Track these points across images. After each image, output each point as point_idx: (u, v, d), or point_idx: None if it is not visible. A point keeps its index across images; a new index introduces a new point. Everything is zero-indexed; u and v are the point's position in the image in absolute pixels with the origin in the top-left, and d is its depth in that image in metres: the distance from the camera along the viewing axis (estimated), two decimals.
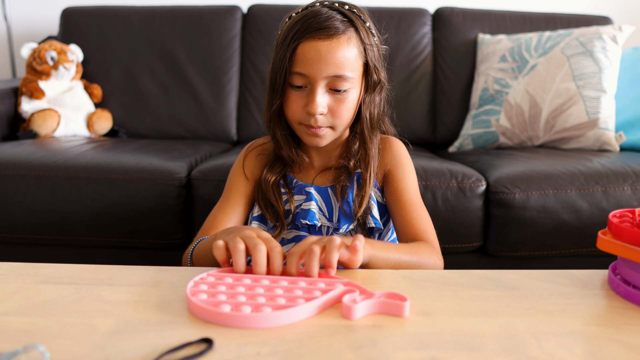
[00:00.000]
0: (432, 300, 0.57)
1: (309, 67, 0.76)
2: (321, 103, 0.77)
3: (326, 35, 0.76)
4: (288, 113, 0.81)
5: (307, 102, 0.78)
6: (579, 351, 0.46)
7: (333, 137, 0.83)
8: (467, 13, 1.84)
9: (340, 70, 0.76)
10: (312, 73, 0.76)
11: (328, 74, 0.76)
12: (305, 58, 0.76)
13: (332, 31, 0.76)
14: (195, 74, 1.78)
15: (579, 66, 1.53)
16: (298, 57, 0.76)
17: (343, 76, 0.77)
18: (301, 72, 0.76)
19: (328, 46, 0.75)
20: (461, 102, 1.78)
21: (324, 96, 0.78)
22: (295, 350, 0.45)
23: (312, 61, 0.75)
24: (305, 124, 0.80)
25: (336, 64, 0.76)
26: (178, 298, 0.56)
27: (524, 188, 1.18)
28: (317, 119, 0.78)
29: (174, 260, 1.26)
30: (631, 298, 0.57)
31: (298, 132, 0.83)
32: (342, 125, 0.82)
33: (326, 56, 0.75)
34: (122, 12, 1.84)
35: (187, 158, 1.34)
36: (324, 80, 0.77)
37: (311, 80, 0.77)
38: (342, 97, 0.79)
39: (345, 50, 0.77)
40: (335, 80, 0.77)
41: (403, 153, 0.90)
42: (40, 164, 1.23)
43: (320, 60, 0.75)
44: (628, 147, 1.52)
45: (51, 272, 0.62)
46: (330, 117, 0.79)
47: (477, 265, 1.26)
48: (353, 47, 0.78)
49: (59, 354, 0.44)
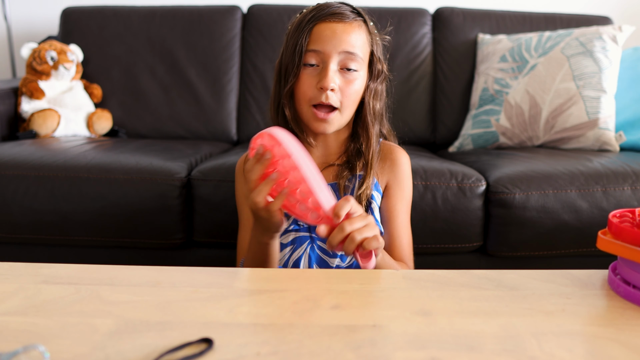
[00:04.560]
0: (432, 300, 0.57)
1: (324, 43, 0.82)
2: (333, 77, 0.82)
3: (340, 18, 0.84)
4: (299, 93, 0.85)
5: (319, 79, 0.82)
6: (579, 351, 0.46)
7: (339, 123, 0.86)
8: (467, 13, 1.84)
9: (353, 48, 0.83)
10: (327, 49, 0.82)
11: (342, 49, 0.82)
12: (321, 36, 0.82)
13: (345, 17, 0.84)
14: (195, 74, 1.78)
15: (579, 66, 1.53)
16: (314, 36, 0.83)
17: (354, 54, 0.83)
18: (316, 49, 0.82)
19: (342, 27, 0.83)
20: (461, 102, 1.78)
21: (336, 73, 0.83)
22: (295, 350, 0.45)
23: (327, 38, 0.82)
24: (316, 102, 0.83)
25: (349, 42, 0.83)
26: (178, 298, 0.56)
27: (524, 188, 1.18)
28: (328, 95, 0.82)
29: (174, 260, 1.26)
30: (631, 298, 0.57)
31: (306, 116, 0.85)
32: (348, 108, 0.85)
33: (340, 35, 0.82)
34: (122, 12, 1.84)
35: (187, 158, 1.34)
36: (337, 57, 0.82)
37: (325, 56, 0.82)
38: (352, 77, 0.84)
39: (356, 33, 0.84)
40: (347, 58, 0.83)
41: (406, 170, 0.93)
42: (40, 164, 1.23)
43: (335, 37, 0.82)
44: (628, 147, 1.52)
45: (51, 272, 0.62)
46: (340, 96, 0.83)
47: (477, 265, 1.26)
48: (363, 33, 0.85)
49: (59, 354, 0.44)
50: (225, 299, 0.56)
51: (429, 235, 1.18)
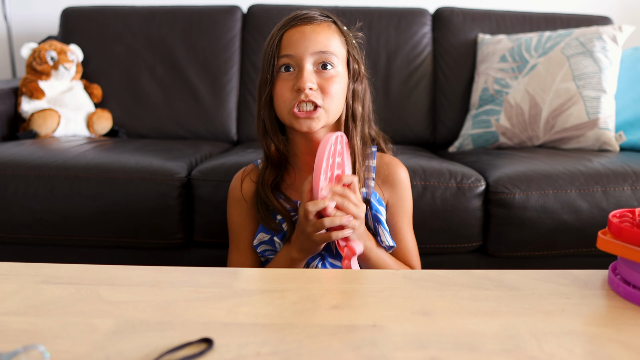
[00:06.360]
0: (432, 300, 0.57)
1: (295, 47, 0.82)
2: (309, 77, 0.81)
3: (308, 21, 0.84)
4: (278, 101, 0.84)
5: (295, 81, 0.82)
6: (579, 351, 0.46)
7: (325, 120, 0.84)
8: (467, 13, 1.84)
9: (325, 47, 0.82)
10: (299, 52, 0.82)
11: (314, 50, 0.82)
12: (291, 40, 0.83)
13: (314, 19, 0.84)
14: (195, 74, 1.78)
15: (579, 66, 1.53)
16: (284, 42, 0.83)
17: (327, 52, 0.82)
18: (288, 54, 0.82)
19: (311, 28, 0.83)
20: (461, 102, 1.78)
21: (312, 74, 0.82)
22: (295, 350, 0.45)
23: (297, 41, 0.82)
24: (296, 103, 0.81)
25: (320, 42, 0.82)
26: (178, 298, 0.56)
27: (524, 188, 1.18)
28: (307, 94, 0.80)
29: (174, 260, 1.26)
30: (631, 298, 0.57)
31: (288, 119, 0.84)
32: (332, 107, 0.83)
33: (310, 35, 0.82)
34: (122, 12, 1.84)
35: (187, 158, 1.34)
36: (311, 58, 0.82)
37: (298, 59, 0.82)
38: (329, 74, 0.83)
39: (327, 32, 0.84)
40: (322, 57, 0.82)
41: (406, 185, 0.93)
42: (40, 164, 1.23)
43: (305, 39, 0.82)
44: (628, 147, 1.52)
45: (51, 272, 0.62)
46: (321, 95, 0.82)
47: (477, 265, 1.26)
48: (334, 32, 0.85)
49: (59, 354, 0.44)
50: (225, 299, 0.56)
51: (428, 236, 1.18)
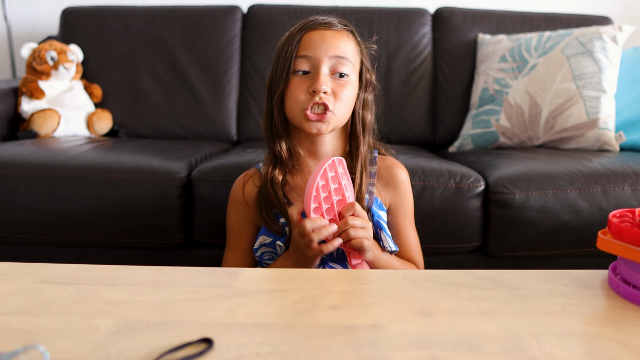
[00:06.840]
0: (432, 300, 0.57)
1: (314, 49, 0.84)
2: (325, 80, 0.83)
3: (329, 27, 0.86)
4: (290, 99, 0.85)
5: (311, 83, 0.83)
6: (579, 351, 0.46)
7: (334, 124, 0.86)
8: (467, 13, 1.84)
9: (343, 53, 0.84)
10: (318, 54, 0.83)
11: (332, 54, 0.83)
12: (311, 42, 0.84)
13: (334, 25, 0.86)
14: (195, 74, 1.78)
15: (579, 66, 1.53)
16: (304, 43, 0.84)
17: (345, 58, 0.84)
18: (306, 55, 0.84)
19: (331, 34, 0.85)
20: (461, 102, 1.78)
21: (328, 78, 0.84)
22: (295, 350, 0.45)
23: (317, 44, 0.84)
24: (309, 105, 0.83)
25: (338, 47, 0.84)
26: (178, 298, 0.56)
27: (523, 188, 1.18)
28: (321, 96, 0.82)
29: (174, 260, 1.26)
30: (631, 298, 0.57)
31: (298, 120, 0.85)
32: (342, 111, 0.85)
33: (330, 40, 0.84)
34: (122, 12, 1.84)
35: (187, 158, 1.34)
36: (328, 62, 0.84)
37: (316, 62, 0.83)
38: (343, 82, 0.85)
39: (345, 40, 0.86)
40: (338, 63, 0.84)
41: (407, 186, 0.94)
42: (40, 164, 1.23)
43: (325, 42, 0.84)
44: (628, 147, 1.52)
45: (51, 272, 0.62)
46: (333, 99, 0.84)
47: (477, 265, 1.26)
48: (351, 41, 0.87)
49: (59, 354, 0.44)
50: (225, 299, 0.56)
51: (428, 236, 1.18)
